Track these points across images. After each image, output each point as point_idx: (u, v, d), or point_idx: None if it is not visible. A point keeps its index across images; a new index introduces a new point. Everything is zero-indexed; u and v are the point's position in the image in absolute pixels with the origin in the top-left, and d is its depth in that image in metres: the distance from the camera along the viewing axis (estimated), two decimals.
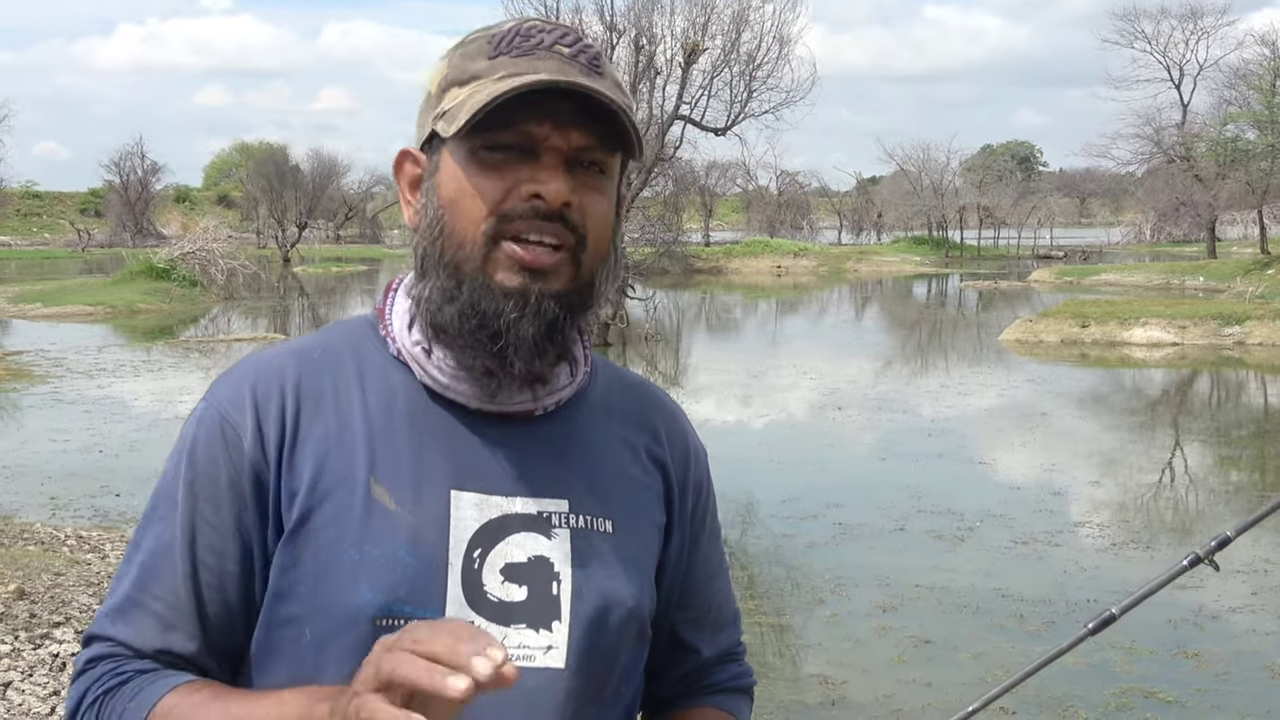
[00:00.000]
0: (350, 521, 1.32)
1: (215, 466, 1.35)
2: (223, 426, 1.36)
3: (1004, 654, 7.21)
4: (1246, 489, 12.31)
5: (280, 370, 1.40)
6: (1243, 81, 47.39)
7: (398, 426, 1.38)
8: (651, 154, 26.44)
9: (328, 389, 1.39)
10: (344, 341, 1.45)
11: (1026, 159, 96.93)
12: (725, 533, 8.87)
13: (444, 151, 1.38)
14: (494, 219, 1.34)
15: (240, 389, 1.38)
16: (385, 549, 1.32)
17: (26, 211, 79.77)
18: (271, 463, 1.35)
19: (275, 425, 1.36)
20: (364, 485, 1.34)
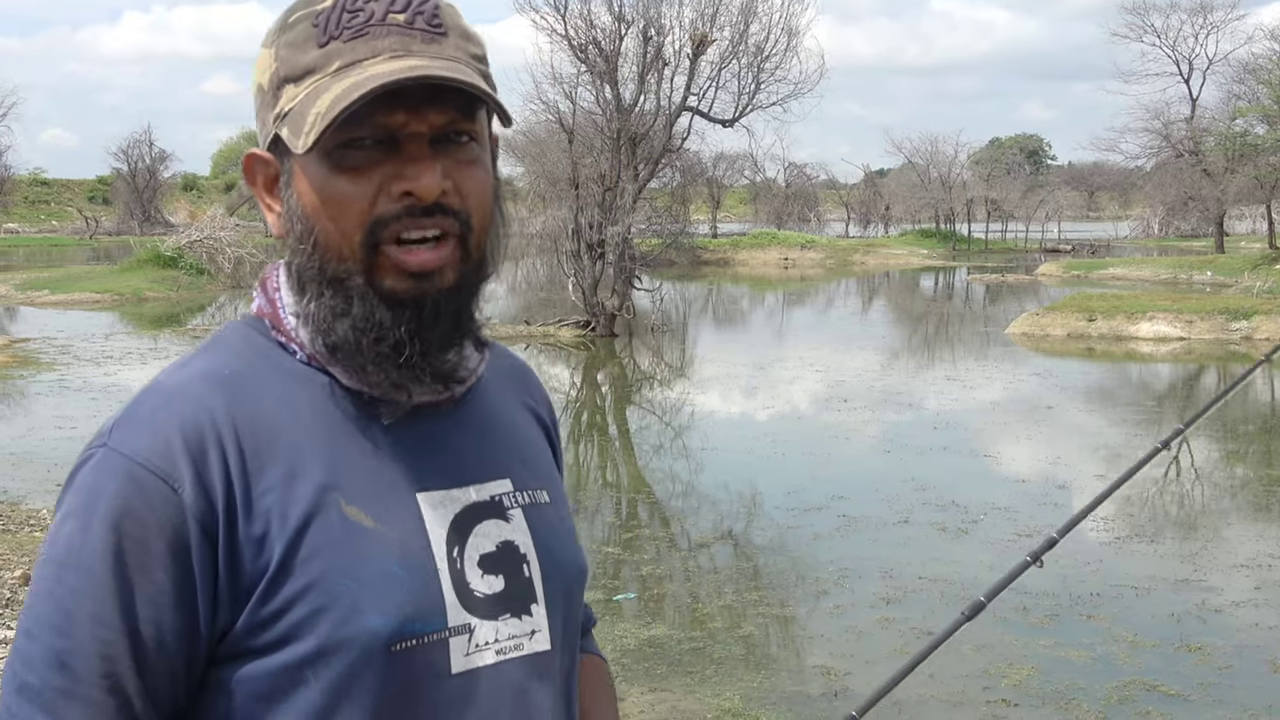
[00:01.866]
0: (336, 551, 1.22)
1: (144, 529, 1.17)
2: (150, 483, 1.18)
3: (1006, 646, 7.22)
4: (1252, 484, 12.30)
5: (202, 404, 1.23)
6: (1252, 76, 47.20)
7: (341, 440, 1.28)
8: (659, 145, 26.41)
9: (261, 415, 1.25)
10: (245, 357, 1.31)
11: (1035, 152, 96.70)
12: (730, 524, 8.93)
13: (294, 158, 1.27)
14: (368, 226, 1.25)
15: (161, 434, 1.21)
16: (380, 569, 1.23)
17: (34, 199, 79.85)
18: (220, 514, 1.19)
19: (218, 470, 1.20)
20: (336, 510, 1.23)
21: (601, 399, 18.63)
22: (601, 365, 21.62)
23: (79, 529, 1.19)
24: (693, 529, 10.11)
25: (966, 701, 6.41)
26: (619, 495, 11.69)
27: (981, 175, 69.26)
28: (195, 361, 1.30)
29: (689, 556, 9.39)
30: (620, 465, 13.37)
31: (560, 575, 1.39)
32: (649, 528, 10.25)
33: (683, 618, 7.85)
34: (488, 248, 1.32)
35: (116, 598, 1.17)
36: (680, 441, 14.41)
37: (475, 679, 1.27)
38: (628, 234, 25.13)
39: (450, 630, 1.25)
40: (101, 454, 1.21)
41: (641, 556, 9.21)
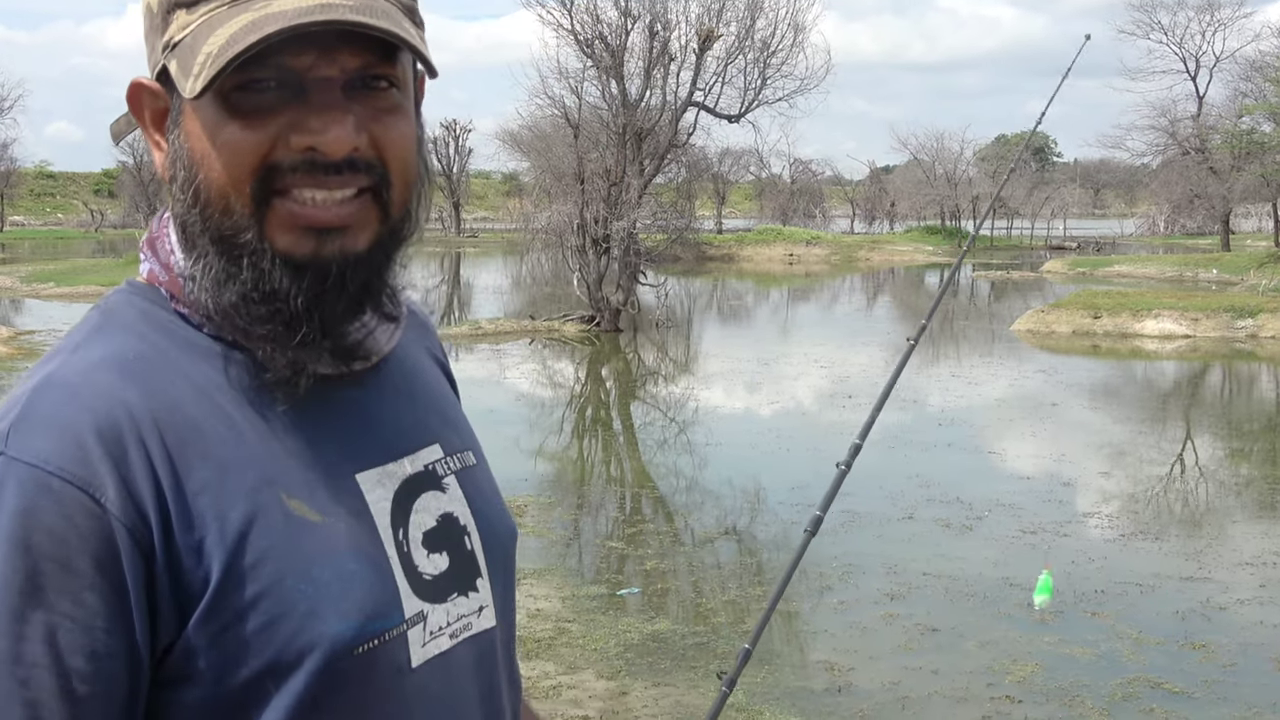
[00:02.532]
0: (285, 551, 1.08)
1: (64, 547, 1.00)
2: (65, 492, 1.01)
3: (1011, 643, 7.21)
4: (1258, 482, 12.28)
5: (114, 397, 1.06)
6: (1259, 74, 47.17)
7: (268, 426, 1.12)
8: (665, 140, 26.40)
9: (180, 405, 1.09)
10: (147, 337, 1.13)
11: (1041, 149, 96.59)
12: (734, 520, 8.93)
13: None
14: (259, 176, 1.08)
15: (73, 436, 1.03)
16: (334, 568, 1.10)
17: (40, 192, 79.98)
18: (154, 520, 1.03)
19: (144, 471, 1.04)
20: (277, 506, 1.09)
21: (606, 394, 18.63)
22: (606, 360, 21.61)
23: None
24: (697, 524, 10.10)
25: (970, 698, 6.40)
26: (623, 490, 11.68)
27: (987, 172, 69.21)
28: (91, 345, 1.11)
29: (693, 552, 9.39)
30: (624, 460, 13.37)
31: (498, 544, 1.29)
32: (653, 523, 10.24)
33: (686, 613, 7.84)
34: (410, 206, 1.16)
35: (39, 630, 0.99)
36: (684, 437, 14.40)
37: (434, 668, 1.17)
38: (633, 229, 25.13)
39: (407, 622, 1.14)
40: (0, 464, 1.02)
41: (645, 551, 9.20)
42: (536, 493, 11.01)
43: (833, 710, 6.24)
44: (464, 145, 71.93)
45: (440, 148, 71.91)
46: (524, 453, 12.91)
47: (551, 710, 6.15)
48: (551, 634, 7.21)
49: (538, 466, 12.46)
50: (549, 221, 26.78)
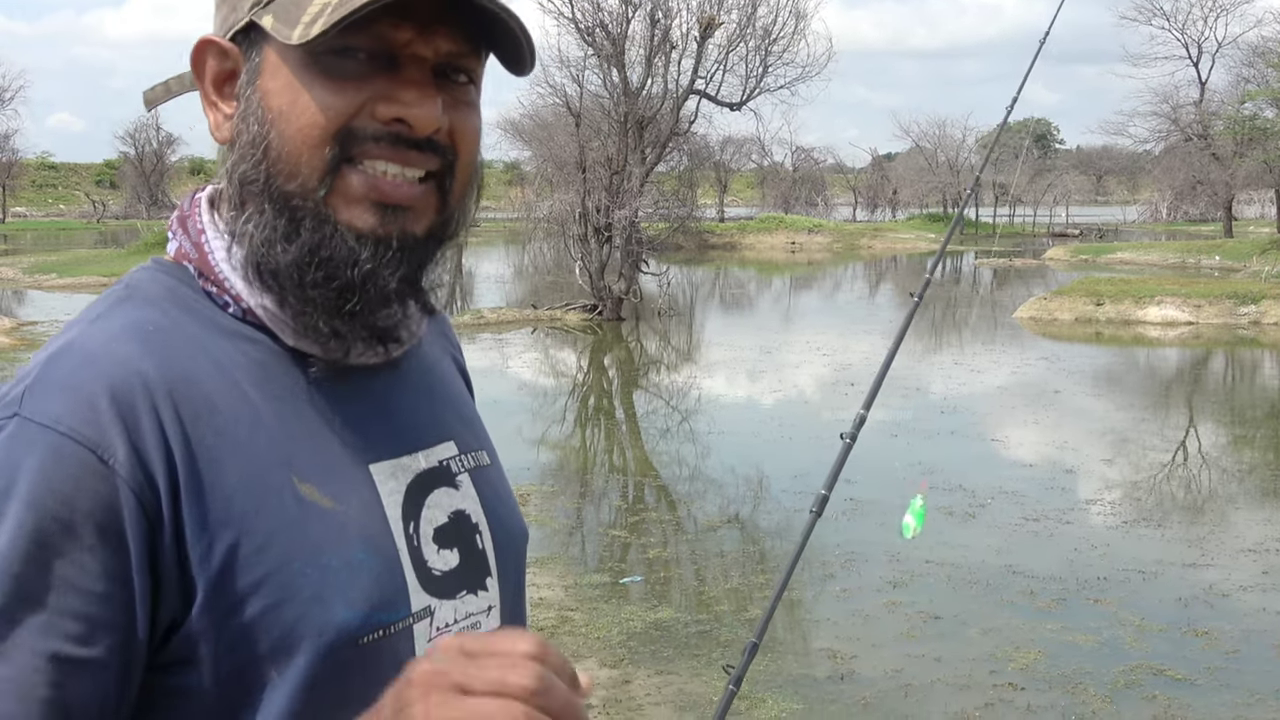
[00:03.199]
0: (294, 535, 1.07)
1: (69, 508, 0.98)
2: (74, 453, 1.00)
3: (1013, 630, 7.22)
4: (1260, 468, 12.28)
5: (130, 366, 1.05)
6: (1261, 59, 47.10)
7: (286, 408, 1.12)
8: (666, 129, 26.37)
9: (197, 379, 1.08)
10: (169, 313, 1.12)
11: (1043, 136, 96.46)
12: (736, 508, 8.92)
13: (269, 51, 1.10)
14: (339, 140, 1.09)
15: (85, 399, 1.02)
16: (343, 556, 1.09)
17: (42, 183, 79.98)
18: (163, 488, 1.02)
19: (155, 438, 1.03)
20: (290, 489, 1.08)
21: (608, 383, 18.63)
22: (608, 349, 21.62)
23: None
24: (699, 512, 10.11)
25: (973, 685, 6.41)
26: (626, 479, 11.70)
27: (990, 159, 69.12)
28: (113, 316, 1.10)
29: (696, 540, 9.40)
30: (627, 449, 13.37)
31: (510, 544, 1.28)
32: (656, 511, 10.25)
33: (689, 601, 7.85)
34: (468, 200, 1.18)
35: (37, 587, 0.97)
36: (687, 425, 14.41)
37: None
38: (635, 218, 25.11)
39: (414, 616, 1.13)
40: (14, 425, 1.01)
41: (648, 540, 9.21)
42: (539, 481, 11.01)
43: (835, 698, 6.25)
44: None
45: None
46: (527, 441, 12.91)
47: None
48: (555, 622, 7.23)
49: (540, 455, 12.47)
50: (551, 210, 26.79)
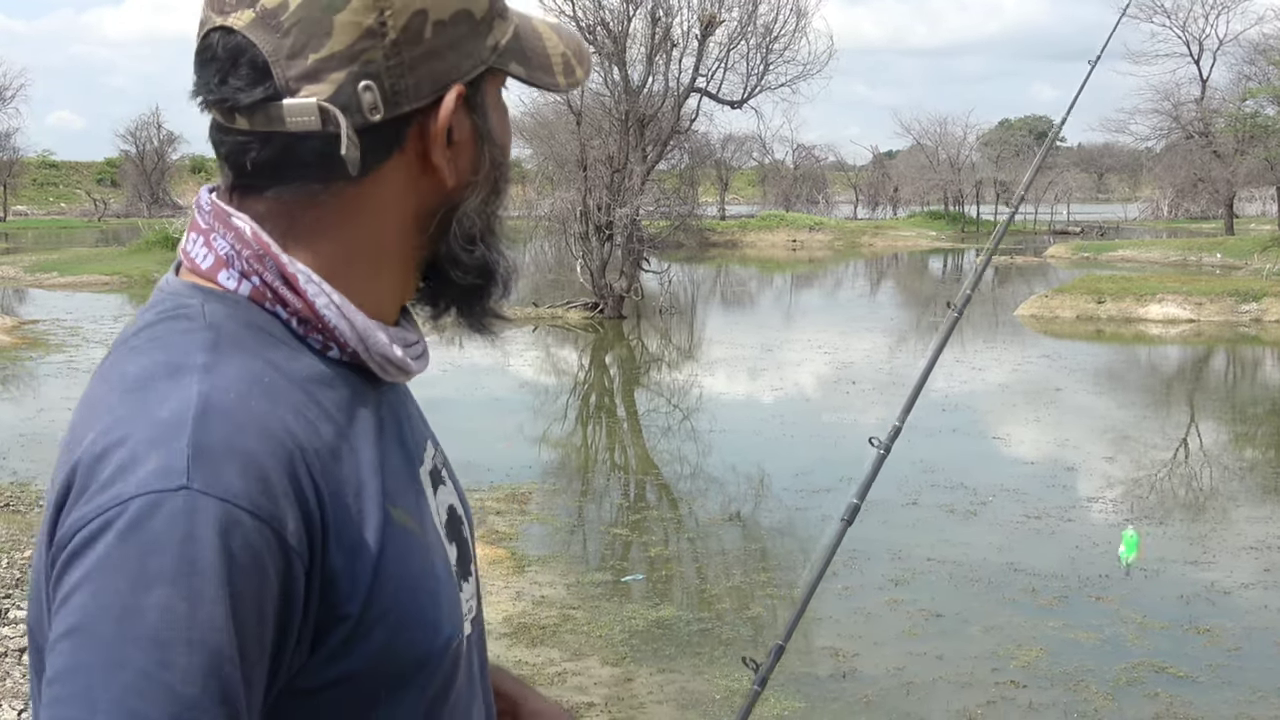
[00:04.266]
0: (403, 565, 1.10)
1: (260, 588, 0.99)
2: (259, 530, 0.99)
3: (1015, 628, 7.22)
4: (1262, 466, 12.28)
5: (280, 427, 1.05)
6: (1263, 57, 47.06)
7: (370, 439, 1.13)
8: (667, 127, 26.35)
9: (320, 431, 1.08)
10: (264, 360, 1.10)
11: (1044, 134, 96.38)
12: (738, 506, 8.91)
13: (488, 88, 1.18)
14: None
15: (257, 469, 1.01)
16: (436, 576, 1.14)
17: (43, 181, 79.90)
18: (318, 551, 1.04)
19: (315, 505, 1.04)
20: (390, 519, 1.10)
21: (610, 381, 18.64)
22: (609, 347, 21.62)
23: (182, 596, 0.95)
24: (701, 511, 10.11)
25: (975, 683, 6.41)
26: (627, 477, 11.70)
27: (991, 156, 69.09)
28: (224, 367, 1.06)
29: (697, 538, 9.40)
30: (628, 447, 13.38)
31: (473, 529, 1.33)
32: (657, 509, 10.26)
33: (691, 599, 7.86)
34: None
35: (238, 667, 0.98)
36: (688, 423, 14.41)
37: (468, 654, 1.21)
38: (636, 216, 25.09)
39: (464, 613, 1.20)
40: (184, 498, 0.97)
41: (650, 538, 9.22)
42: (541, 480, 11.02)
43: (837, 696, 6.26)
44: None
45: None
46: (528, 440, 12.92)
47: (557, 697, 6.16)
48: (556, 621, 7.23)
49: (542, 453, 12.47)
50: (552, 208, 26.76)
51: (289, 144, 1.10)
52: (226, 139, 1.13)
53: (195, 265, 1.14)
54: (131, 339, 1.11)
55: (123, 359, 1.09)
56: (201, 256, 1.14)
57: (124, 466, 0.98)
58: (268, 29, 1.08)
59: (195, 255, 1.15)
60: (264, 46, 1.08)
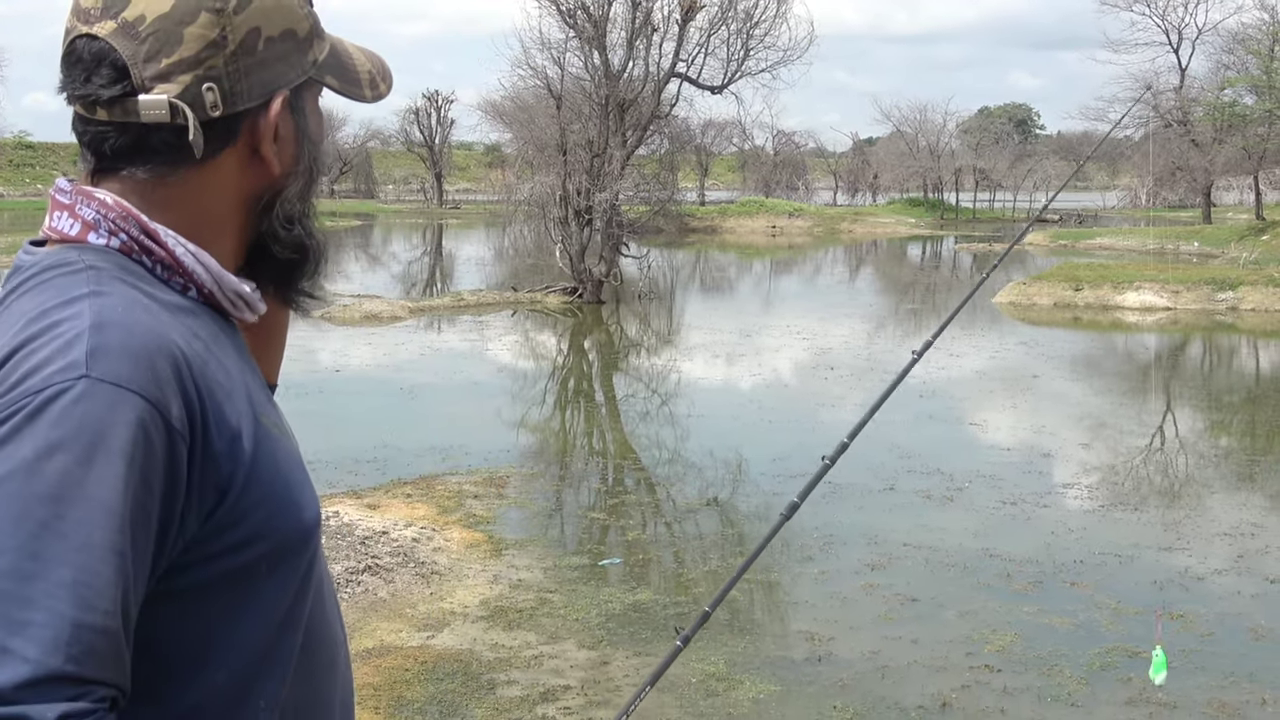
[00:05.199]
0: (272, 458, 1.32)
1: (147, 459, 1.18)
2: (146, 410, 1.18)
3: (990, 613, 7.26)
4: (1236, 453, 12.35)
5: (163, 333, 1.24)
6: (1241, 46, 47.15)
7: (236, 362, 1.36)
8: (647, 112, 26.31)
9: (191, 343, 1.28)
10: (142, 291, 1.29)
11: (1024, 122, 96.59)
12: (715, 491, 8.89)
13: (308, 95, 1.45)
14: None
15: (145, 362, 1.20)
16: (295, 469, 1.37)
17: (19, 162, 79.32)
18: (199, 436, 1.23)
19: (194, 395, 1.23)
20: (259, 423, 1.32)
21: (588, 366, 18.63)
22: (588, 332, 21.61)
23: (77, 461, 1.14)
24: (678, 495, 10.13)
25: (950, 667, 6.44)
26: (605, 462, 11.70)
27: (970, 144, 69.21)
28: (110, 292, 1.26)
29: (674, 523, 9.41)
30: (607, 432, 13.38)
31: None
32: (635, 494, 10.27)
33: (668, 583, 7.87)
34: None
35: (127, 526, 1.15)
36: (667, 408, 14.42)
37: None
38: (615, 201, 25.07)
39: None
40: (84, 385, 1.16)
41: (627, 522, 9.23)
42: (519, 464, 11.02)
43: (813, 679, 6.28)
44: (446, 116, 71.66)
45: (422, 119, 71.62)
46: (506, 424, 12.91)
47: (533, 680, 6.17)
48: (533, 604, 7.23)
49: (520, 438, 12.46)
50: (531, 193, 26.71)
51: (142, 133, 1.32)
52: (89, 129, 1.34)
53: (64, 234, 1.33)
54: (16, 290, 1.30)
55: (16, 303, 1.28)
56: (68, 226, 1.33)
57: (33, 369, 1.18)
58: (127, 36, 1.30)
59: (61, 227, 1.34)
60: (124, 51, 1.29)
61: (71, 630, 1.10)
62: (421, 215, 64.46)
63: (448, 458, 10.97)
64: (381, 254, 41.31)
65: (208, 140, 1.33)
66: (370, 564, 7.69)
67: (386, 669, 6.26)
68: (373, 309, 22.41)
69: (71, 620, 1.10)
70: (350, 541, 8.06)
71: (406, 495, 9.58)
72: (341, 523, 8.46)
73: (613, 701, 5.92)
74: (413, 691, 6.02)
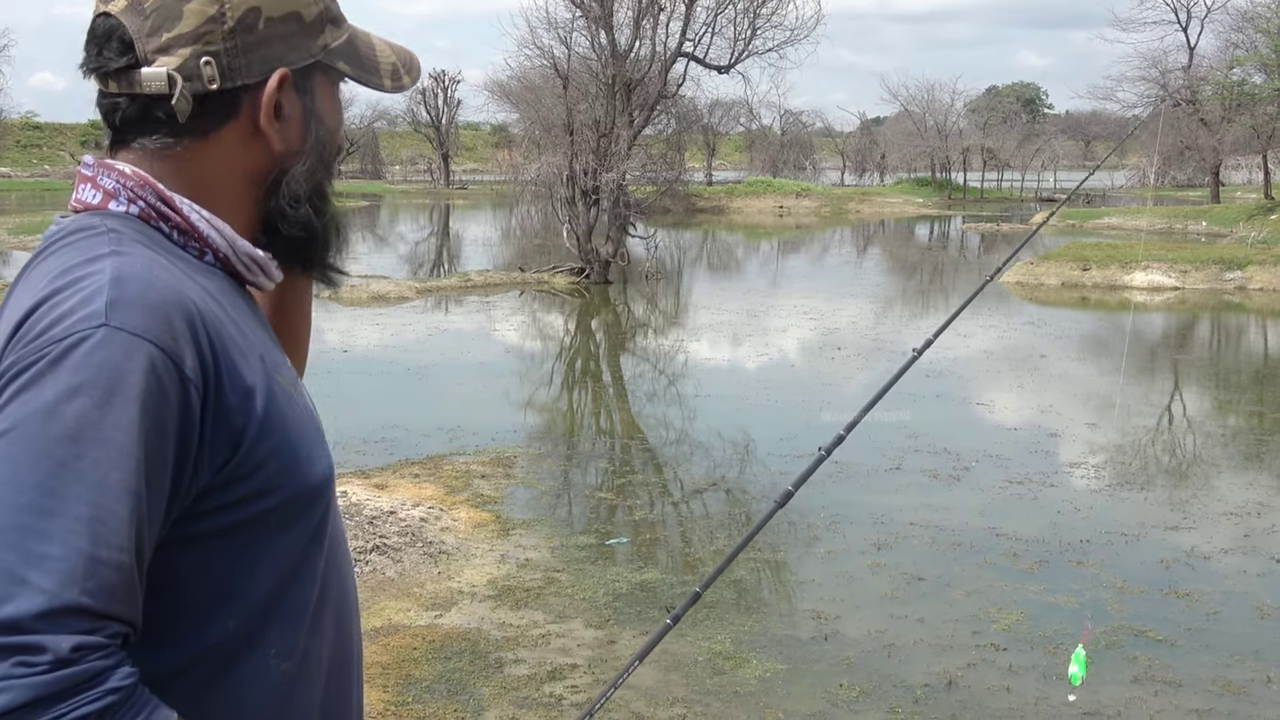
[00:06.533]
0: (285, 413, 1.40)
1: (163, 406, 1.25)
2: (161, 359, 1.25)
3: (996, 591, 7.27)
4: (1244, 433, 12.35)
5: (179, 289, 1.32)
6: (1250, 24, 46.95)
7: (251, 322, 1.45)
8: (654, 91, 26.26)
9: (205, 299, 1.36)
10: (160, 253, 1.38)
11: (1031, 101, 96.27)
12: (722, 471, 8.89)
13: (319, 81, 1.52)
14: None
15: (161, 314, 1.28)
16: (309, 426, 1.45)
17: (26, 143, 79.33)
18: (212, 387, 1.30)
19: (207, 348, 1.31)
20: (273, 379, 1.41)
21: (595, 346, 18.64)
22: (596, 312, 21.61)
23: (95, 405, 1.21)
24: (685, 475, 10.15)
25: (956, 645, 6.47)
26: (613, 442, 11.72)
27: (978, 124, 69.00)
28: (131, 253, 1.34)
29: (681, 502, 9.44)
30: (614, 412, 13.40)
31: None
32: (642, 474, 10.29)
33: (675, 563, 7.90)
34: None
35: (142, 468, 1.22)
36: (674, 389, 14.43)
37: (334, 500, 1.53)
38: (623, 181, 25.04)
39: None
40: (103, 333, 1.24)
41: (635, 502, 9.25)
42: (526, 444, 11.04)
43: (819, 658, 6.30)
44: (452, 96, 71.55)
45: (429, 99, 71.50)
46: (514, 404, 12.93)
47: (540, 659, 6.20)
48: (540, 584, 7.26)
49: (527, 418, 12.49)
50: (538, 173, 26.67)
51: (147, 105, 1.41)
52: (104, 101, 1.45)
53: (86, 204, 1.43)
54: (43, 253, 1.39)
55: (42, 264, 1.36)
56: (90, 196, 1.43)
57: (57, 319, 1.25)
58: (134, 12, 1.40)
59: (84, 197, 1.43)
60: (130, 26, 1.40)
61: (87, 565, 1.16)
62: (428, 196, 64.43)
63: (455, 438, 11.00)
64: (388, 234, 41.31)
65: (209, 113, 1.42)
66: (378, 543, 7.72)
67: (395, 648, 6.29)
68: (380, 289, 22.43)
69: (87, 555, 1.17)
70: (358, 521, 8.10)
71: (414, 475, 9.61)
72: (349, 502, 8.49)
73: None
74: (421, 670, 6.05)
